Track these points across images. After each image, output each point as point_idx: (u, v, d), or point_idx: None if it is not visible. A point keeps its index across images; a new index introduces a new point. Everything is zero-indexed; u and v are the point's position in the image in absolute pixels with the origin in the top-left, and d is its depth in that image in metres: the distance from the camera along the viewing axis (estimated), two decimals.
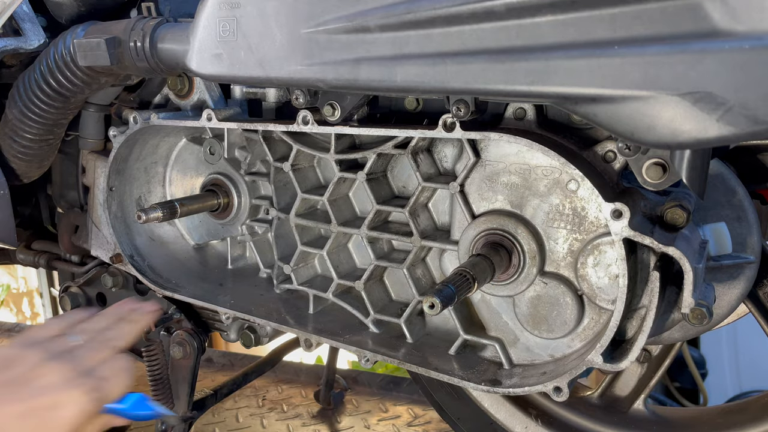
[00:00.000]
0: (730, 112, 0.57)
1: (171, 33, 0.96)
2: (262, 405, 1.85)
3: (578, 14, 0.61)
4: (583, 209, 0.85)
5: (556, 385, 0.83)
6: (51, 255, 1.51)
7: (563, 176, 0.85)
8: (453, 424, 1.24)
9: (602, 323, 0.87)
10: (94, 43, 1.00)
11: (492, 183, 0.90)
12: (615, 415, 1.13)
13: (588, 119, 0.65)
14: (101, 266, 1.37)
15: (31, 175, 1.29)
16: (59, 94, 1.10)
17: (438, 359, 0.96)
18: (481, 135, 0.81)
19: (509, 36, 0.64)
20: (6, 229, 1.25)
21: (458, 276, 0.81)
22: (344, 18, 0.72)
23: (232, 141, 1.16)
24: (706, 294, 0.78)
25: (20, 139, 1.18)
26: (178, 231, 1.32)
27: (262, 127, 1.01)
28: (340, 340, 1.02)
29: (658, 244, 0.74)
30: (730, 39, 0.55)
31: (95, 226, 1.27)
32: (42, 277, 3.87)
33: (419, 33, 0.69)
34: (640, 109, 0.61)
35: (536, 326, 0.91)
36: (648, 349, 1.11)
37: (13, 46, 1.11)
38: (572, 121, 0.84)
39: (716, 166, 0.93)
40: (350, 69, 0.73)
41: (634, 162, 0.76)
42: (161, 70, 1.00)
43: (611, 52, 0.60)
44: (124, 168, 1.21)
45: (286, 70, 0.78)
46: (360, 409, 1.81)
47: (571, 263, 0.87)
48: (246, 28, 0.80)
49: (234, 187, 1.23)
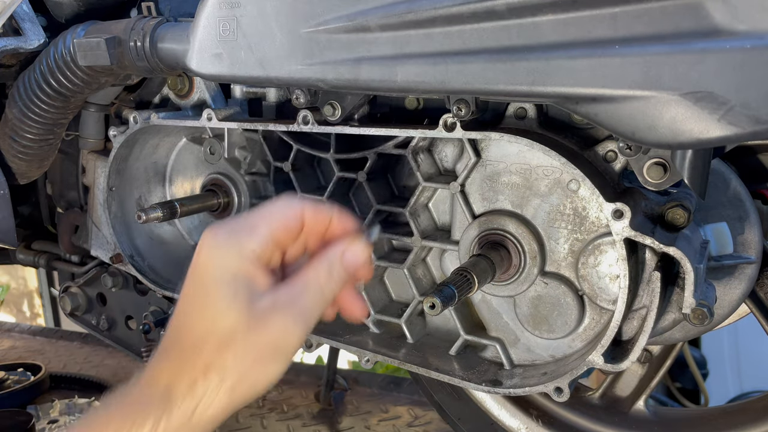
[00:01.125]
0: (731, 111, 0.56)
1: (171, 33, 0.96)
2: (262, 405, 1.84)
3: (579, 14, 0.61)
4: (583, 209, 0.85)
5: (557, 386, 0.82)
6: (51, 255, 1.51)
7: (564, 176, 0.85)
8: (454, 425, 1.24)
9: (603, 323, 0.87)
10: (94, 42, 1.00)
11: (493, 183, 0.90)
12: (616, 415, 1.12)
13: (589, 119, 0.65)
14: (101, 266, 1.37)
15: (31, 175, 1.29)
16: (59, 93, 1.10)
17: (438, 359, 0.96)
18: (482, 135, 0.81)
19: (510, 35, 0.64)
20: (6, 229, 1.25)
21: (459, 276, 0.81)
22: (345, 17, 0.72)
23: (232, 141, 1.15)
24: (707, 294, 0.78)
25: (20, 139, 1.18)
26: (178, 231, 1.31)
27: (262, 127, 1.01)
28: (341, 341, 1.02)
29: (659, 244, 0.74)
30: (731, 38, 0.55)
31: (95, 226, 1.27)
32: (42, 277, 3.88)
33: (420, 32, 0.69)
34: (641, 109, 0.60)
35: (537, 326, 0.91)
36: (649, 350, 1.11)
37: (13, 45, 1.11)
38: (573, 120, 0.84)
39: (717, 166, 0.93)
40: (351, 69, 0.73)
41: (635, 162, 0.76)
42: (161, 70, 1.00)
43: (612, 52, 0.60)
44: (124, 168, 1.21)
45: (286, 69, 0.78)
46: (360, 410, 1.81)
47: (572, 263, 0.87)
48: (246, 27, 0.80)
49: (234, 187, 1.23)
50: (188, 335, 0.67)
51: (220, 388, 0.65)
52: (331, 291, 0.69)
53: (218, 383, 0.64)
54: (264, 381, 0.66)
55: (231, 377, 0.65)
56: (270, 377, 0.66)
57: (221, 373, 0.64)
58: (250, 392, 0.66)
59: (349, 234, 0.70)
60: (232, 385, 0.65)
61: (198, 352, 0.65)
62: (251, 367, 0.65)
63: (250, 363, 0.65)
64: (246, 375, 0.65)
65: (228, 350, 0.65)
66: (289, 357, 0.67)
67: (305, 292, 0.68)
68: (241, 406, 0.68)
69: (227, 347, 0.65)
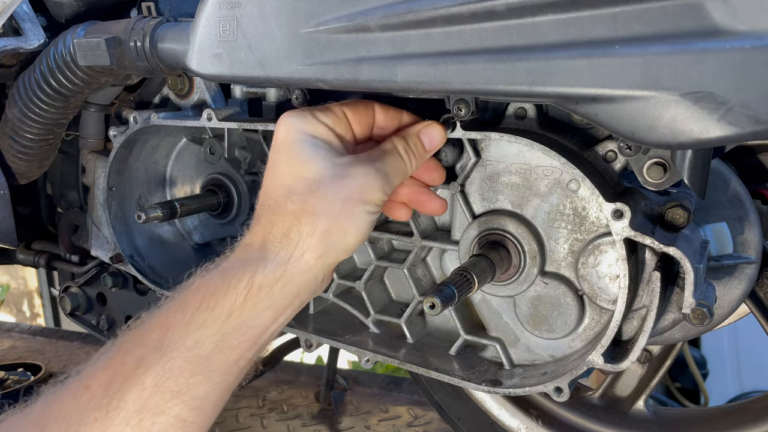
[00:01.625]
0: (731, 111, 0.56)
1: (171, 33, 0.96)
2: (262, 405, 1.85)
3: (579, 14, 0.61)
4: (583, 209, 0.85)
5: (557, 386, 0.83)
6: (51, 255, 1.51)
7: (564, 176, 0.85)
8: (453, 425, 1.24)
9: (603, 323, 0.87)
10: (94, 42, 1.00)
11: (492, 183, 0.90)
12: (616, 415, 1.13)
13: (589, 119, 0.65)
14: (101, 266, 1.38)
15: (31, 175, 1.29)
16: (59, 93, 1.10)
17: (438, 359, 0.96)
18: (482, 135, 0.81)
19: (510, 35, 0.64)
20: (6, 229, 1.25)
21: (459, 276, 0.81)
22: (345, 17, 0.72)
23: (232, 141, 1.15)
24: (707, 294, 0.78)
25: (20, 139, 1.18)
26: (179, 231, 1.32)
27: (262, 127, 1.01)
28: (341, 341, 1.02)
29: (658, 244, 0.74)
30: (731, 38, 0.55)
31: (95, 226, 1.27)
32: (42, 277, 3.88)
33: (420, 32, 0.69)
34: (641, 109, 0.60)
35: (537, 326, 0.91)
36: (649, 350, 1.11)
37: (13, 45, 1.11)
38: (573, 120, 0.84)
39: (717, 166, 0.93)
40: (351, 68, 0.73)
41: (635, 162, 0.76)
42: (161, 70, 1.00)
43: (612, 52, 0.60)
44: (124, 168, 1.21)
45: (286, 69, 0.78)
46: (360, 410, 1.81)
47: (572, 263, 0.87)
48: (246, 27, 0.80)
49: (234, 187, 1.23)
50: (276, 193, 0.70)
51: (314, 232, 0.67)
52: (408, 162, 0.74)
53: (311, 228, 0.67)
54: (353, 230, 0.68)
55: (322, 222, 0.67)
56: (359, 227, 0.68)
57: (313, 218, 0.67)
58: (342, 242, 0.68)
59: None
60: (324, 230, 0.67)
61: (288, 202, 0.68)
62: (340, 212, 0.67)
63: (339, 207, 0.67)
64: (336, 220, 0.67)
65: (316, 195, 0.68)
66: (372, 210, 0.70)
67: (384, 156, 0.72)
68: (332, 263, 0.69)
69: (315, 193, 0.68)
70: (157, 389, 0.62)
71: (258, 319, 0.66)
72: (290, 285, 0.66)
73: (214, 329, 0.64)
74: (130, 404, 0.61)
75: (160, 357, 0.63)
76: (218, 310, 0.65)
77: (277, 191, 0.70)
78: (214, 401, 0.66)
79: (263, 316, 0.66)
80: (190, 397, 0.63)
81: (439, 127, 0.77)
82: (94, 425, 0.60)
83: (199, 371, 0.63)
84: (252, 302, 0.65)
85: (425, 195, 0.83)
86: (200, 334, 0.64)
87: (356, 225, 0.68)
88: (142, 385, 0.62)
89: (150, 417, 0.61)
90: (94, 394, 0.62)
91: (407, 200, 0.84)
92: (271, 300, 0.66)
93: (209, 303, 0.65)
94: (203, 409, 0.65)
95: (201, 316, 0.65)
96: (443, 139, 0.77)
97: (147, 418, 0.61)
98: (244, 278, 0.66)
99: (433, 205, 0.83)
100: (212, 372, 0.64)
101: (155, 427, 0.61)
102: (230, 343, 0.65)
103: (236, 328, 0.65)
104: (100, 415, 0.61)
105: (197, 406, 0.64)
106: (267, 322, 0.67)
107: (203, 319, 0.65)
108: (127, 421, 0.61)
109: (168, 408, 0.62)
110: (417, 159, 0.75)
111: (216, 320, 0.64)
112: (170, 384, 0.62)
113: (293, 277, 0.66)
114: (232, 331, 0.65)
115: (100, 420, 0.60)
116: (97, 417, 0.60)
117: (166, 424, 0.62)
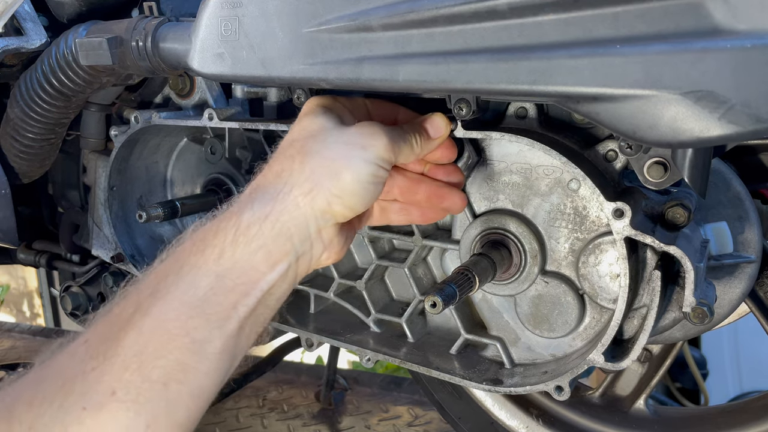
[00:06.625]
0: (731, 110, 0.57)
1: (173, 32, 0.96)
2: (262, 405, 1.85)
3: (580, 13, 0.61)
4: (584, 208, 0.85)
5: (557, 385, 0.83)
6: (52, 255, 1.51)
7: (565, 175, 0.85)
8: (454, 424, 1.24)
9: (603, 322, 0.88)
10: (95, 42, 1.00)
11: (493, 182, 0.91)
12: (616, 414, 1.13)
13: (590, 118, 0.65)
14: (102, 266, 1.38)
15: (32, 175, 1.29)
16: (61, 93, 1.10)
17: (439, 358, 0.96)
18: (483, 134, 0.81)
19: (511, 35, 0.64)
20: (7, 229, 1.25)
21: (460, 275, 0.81)
22: (347, 17, 0.72)
23: (233, 140, 1.16)
24: (707, 293, 0.78)
25: (22, 139, 1.18)
26: (180, 231, 1.32)
27: (263, 127, 1.01)
28: (342, 340, 1.02)
29: (659, 243, 0.74)
30: (731, 38, 0.55)
31: (96, 226, 1.27)
32: (42, 277, 3.88)
33: (422, 32, 0.69)
34: (642, 108, 0.61)
35: (537, 325, 0.91)
36: (649, 349, 1.11)
37: (14, 45, 1.11)
38: (574, 120, 0.84)
39: (718, 166, 0.93)
40: (352, 68, 0.73)
41: (636, 161, 0.76)
42: (163, 70, 1.00)
43: (614, 51, 0.60)
44: (126, 167, 1.21)
45: (288, 69, 0.78)
46: (360, 409, 1.81)
47: (573, 262, 0.87)
48: (248, 27, 0.80)
49: (235, 187, 1.23)
50: (281, 146, 0.73)
51: (304, 170, 0.68)
52: (414, 141, 0.76)
53: (301, 165, 0.68)
54: (348, 175, 0.68)
55: (315, 160, 0.68)
56: (354, 173, 0.68)
57: (307, 157, 0.69)
58: (334, 184, 0.68)
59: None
60: (315, 166, 0.68)
61: (289, 148, 0.71)
62: (336, 153, 0.69)
63: (336, 149, 0.69)
64: (329, 159, 0.68)
65: (315, 139, 0.70)
66: (371, 159, 0.70)
67: (392, 129, 0.74)
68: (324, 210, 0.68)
69: (315, 137, 0.70)
70: (155, 333, 0.61)
71: (251, 260, 0.65)
72: (279, 224, 0.65)
73: (206, 269, 0.64)
74: (128, 349, 0.60)
75: (156, 301, 0.62)
76: (209, 251, 0.64)
77: (282, 144, 0.73)
78: (218, 348, 0.63)
79: (256, 257, 0.65)
80: (189, 340, 0.61)
81: (443, 117, 0.79)
82: (91, 374, 0.59)
83: (195, 314, 0.62)
84: (243, 240, 0.64)
85: (445, 188, 0.84)
86: (193, 275, 0.63)
87: (352, 170, 0.68)
88: (140, 330, 0.61)
89: (150, 361, 0.60)
90: (91, 344, 0.61)
91: (425, 196, 0.84)
92: (262, 240, 0.65)
93: (200, 246, 0.65)
94: (205, 354, 0.62)
95: (193, 259, 0.64)
96: (447, 128, 0.79)
97: (146, 362, 0.60)
98: (233, 218, 0.65)
99: (453, 199, 0.84)
100: (210, 314, 0.63)
101: (155, 371, 0.60)
102: (225, 285, 0.64)
103: (230, 270, 0.64)
104: (98, 363, 0.59)
105: (198, 350, 0.62)
106: (261, 265, 0.65)
107: (195, 261, 0.64)
108: (126, 366, 0.59)
109: (167, 352, 0.60)
110: (422, 143, 0.77)
111: (207, 261, 0.64)
112: (168, 326, 0.61)
113: (281, 215, 0.65)
114: (226, 273, 0.64)
115: (99, 368, 0.59)
116: (94, 366, 0.59)
117: (166, 368, 0.60)
